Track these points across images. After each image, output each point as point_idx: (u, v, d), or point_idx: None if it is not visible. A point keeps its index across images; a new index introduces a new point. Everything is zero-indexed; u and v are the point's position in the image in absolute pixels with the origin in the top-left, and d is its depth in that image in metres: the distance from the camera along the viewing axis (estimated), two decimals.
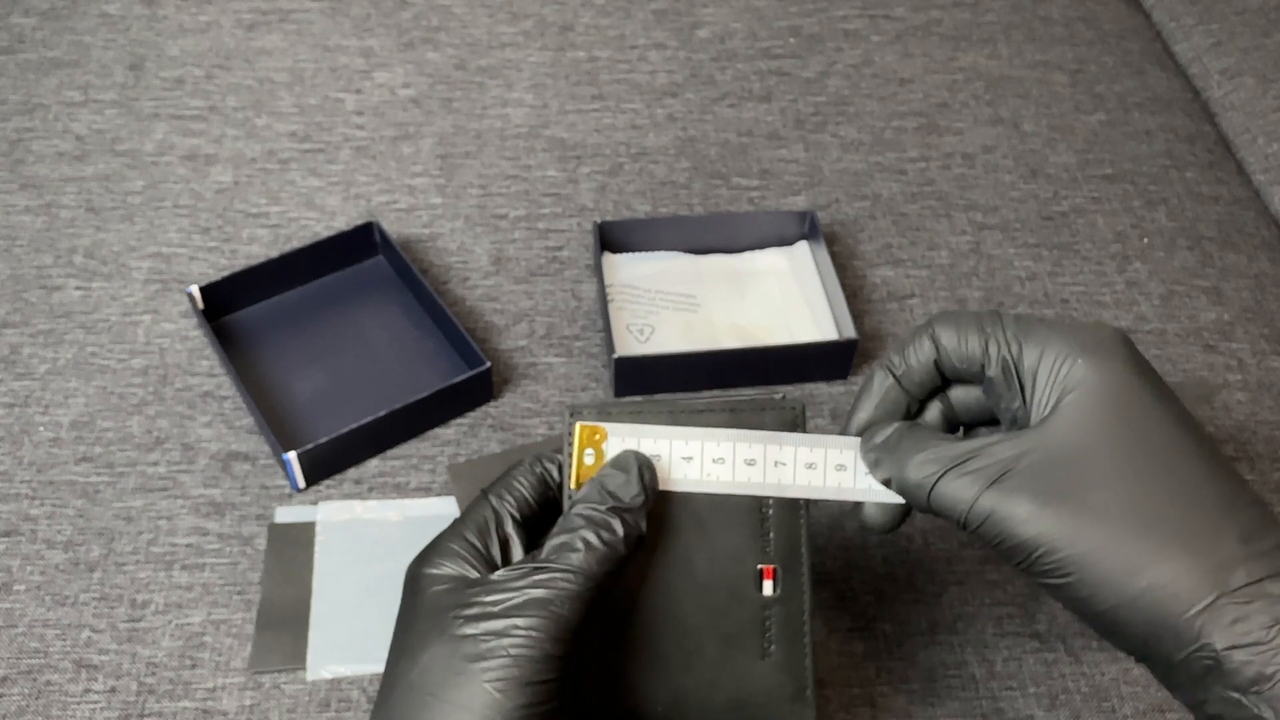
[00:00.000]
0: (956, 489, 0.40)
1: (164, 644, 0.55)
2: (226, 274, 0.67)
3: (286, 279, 0.69)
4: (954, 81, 0.87)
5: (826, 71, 0.87)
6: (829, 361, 0.66)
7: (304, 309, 0.69)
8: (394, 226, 0.74)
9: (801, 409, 0.46)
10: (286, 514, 0.60)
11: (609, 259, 0.71)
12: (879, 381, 0.46)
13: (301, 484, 0.60)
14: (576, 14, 0.90)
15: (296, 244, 0.72)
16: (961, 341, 0.44)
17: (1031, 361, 0.41)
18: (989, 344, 0.43)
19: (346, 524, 0.59)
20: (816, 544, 0.59)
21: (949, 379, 0.46)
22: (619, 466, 0.43)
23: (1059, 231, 0.76)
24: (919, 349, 0.45)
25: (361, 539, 0.59)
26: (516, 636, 0.39)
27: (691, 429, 0.44)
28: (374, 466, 0.62)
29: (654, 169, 0.79)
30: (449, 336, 0.66)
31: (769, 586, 0.44)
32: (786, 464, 0.45)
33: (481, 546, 0.43)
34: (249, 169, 0.77)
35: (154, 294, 0.69)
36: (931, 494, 0.41)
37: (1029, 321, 0.43)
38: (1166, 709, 0.55)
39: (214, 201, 0.75)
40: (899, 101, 0.85)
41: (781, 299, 0.70)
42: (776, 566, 0.44)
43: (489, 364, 0.62)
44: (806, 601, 0.45)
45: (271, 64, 0.84)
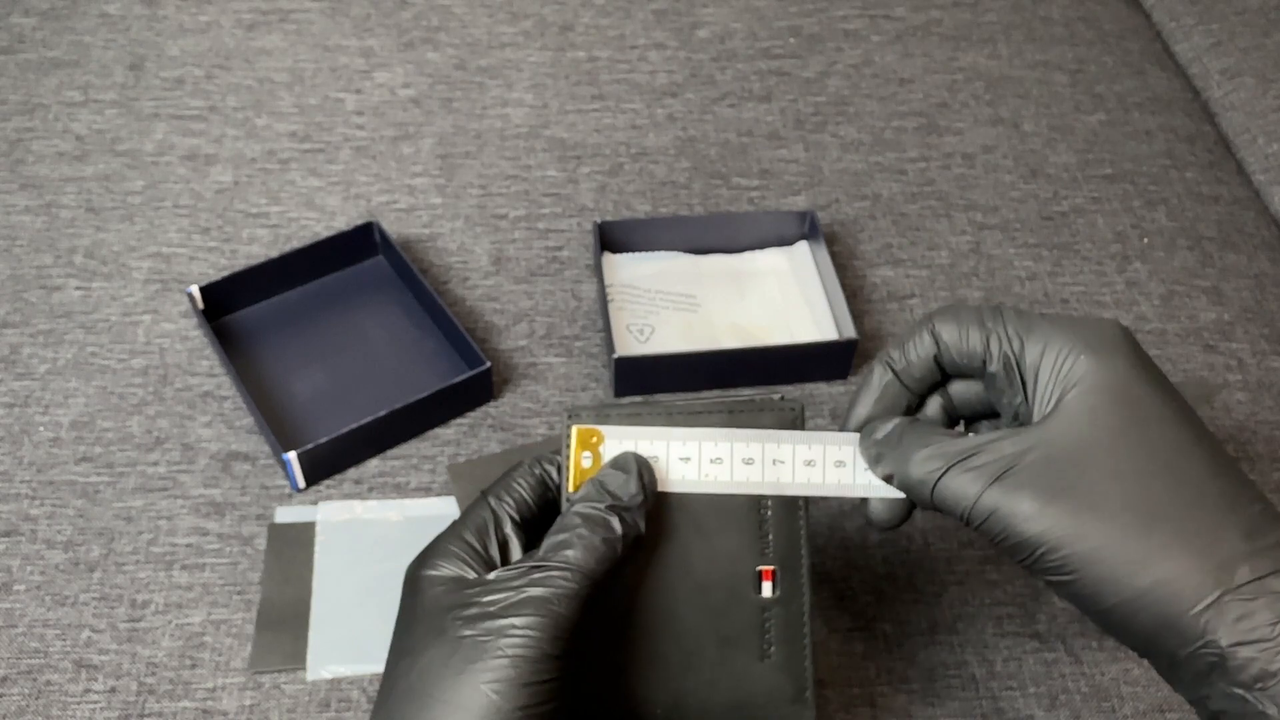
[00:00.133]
0: (960, 485, 0.40)
1: (164, 644, 0.55)
2: (226, 274, 0.67)
3: (286, 279, 0.69)
4: (954, 81, 0.87)
5: (826, 71, 0.87)
6: (829, 361, 0.66)
7: (304, 309, 0.69)
8: (394, 226, 0.74)
9: (801, 409, 0.45)
10: (286, 514, 0.60)
11: (609, 259, 0.71)
12: (878, 377, 0.45)
13: (301, 484, 0.60)
14: (576, 14, 0.90)
15: (296, 244, 0.72)
16: (963, 337, 0.43)
17: (1034, 357, 0.41)
18: (990, 339, 0.43)
19: (346, 524, 0.59)
20: (816, 544, 0.59)
21: (949, 374, 0.45)
22: (618, 466, 0.43)
23: (1059, 231, 0.76)
24: (919, 344, 0.44)
25: (361, 539, 0.59)
26: (514, 636, 0.39)
27: (689, 429, 0.44)
28: (374, 466, 0.62)
29: (654, 169, 0.79)
30: (449, 336, 0.66)
31: (768, 588, 0.44)
32: (785, 462, 0.44)
33: (480, 547, 0.43)
34: (249, 169, 0.77)
35: (154, 294, 0.69)
36: (935, 490, 0.41)
37: (1030, 316, 0.43)
38: (1167, 709, 0.55)
39: (214, 201, 0.75)
40: (899, 101, 0.85)
41: (781, 299, 0.70)
42: (776, 568, 0.44)
43: (489, 364, 0.62)
44: (806, 603, 0.45)
45: (271, 64, 0.84)
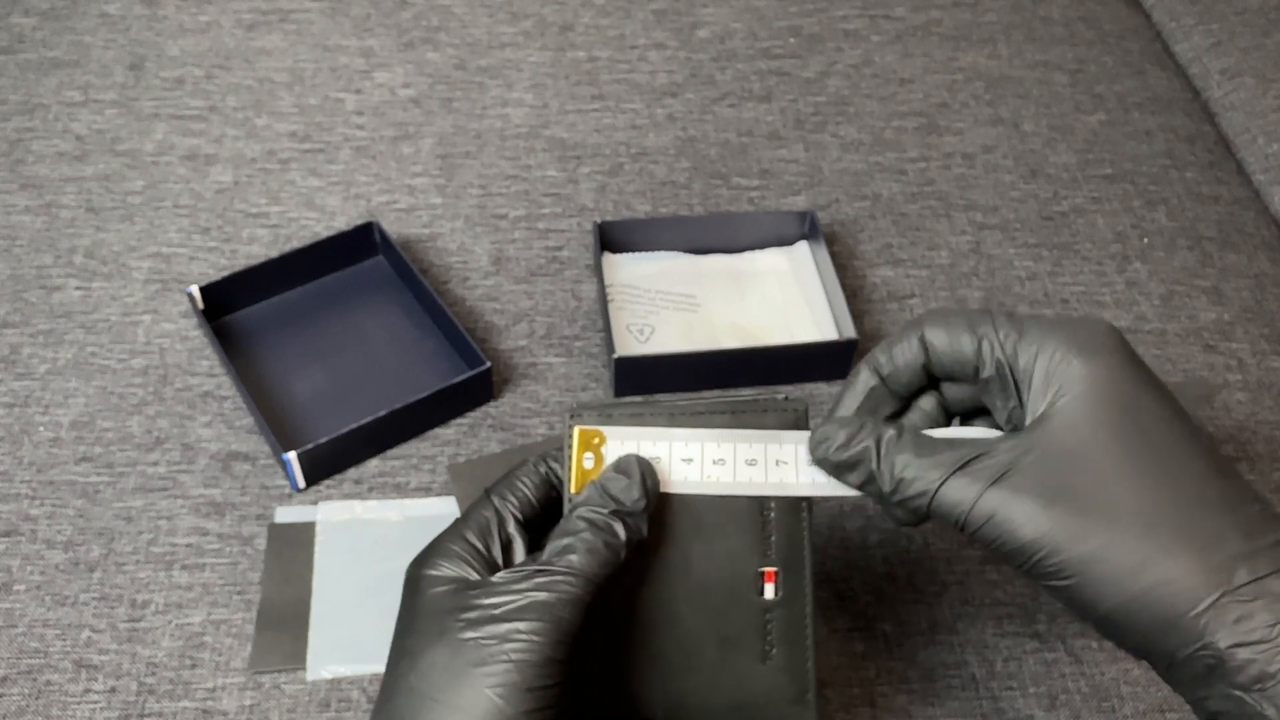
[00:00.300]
0: (956, 491, 0.40)
1: (164, 644, 0.55)
2: (226, 274, 0.67)
3: (286, 279, 0.69)
4: (954, 81, 0.87)
5: (826, 71, 0.87)
6: (829, 361, 0.66)
7: (304, 309, 0.69)
8: (394, 226, 0.74)
9: (804, 409, 0.45)
10: (286, 514, 0.60)
11: (609, 259, 0.71)
12: (863, 382, 0.45)
13: (301, 484, 0.60)
14: (576, 14, 0.90)
15: (296, 244, 0.72)
16: (953, 343, 0.43)
17: (1026, 361, 0.41)
18: (982, 345, 0.42)
19: (346, 524, 0.59)
20: (816, 543, 0.59)
21: (939, 379, 0.45)
22: (621, 470, 0.43)
23: (1059, 231, 0.76)
24: (907, 350, 0.44)
25: (361, 539, 0.59)
26: (518, 641, 0.39)
27: (691, 430, 0.44)
28: (374, 466, 0.62)
29: (654, 169, 0.79)
30: (449, 336, 0.66)
31: (770, 590, 0.44)
32: (788, 462, 0.44)
33: (483, 547, 0.43)
34: (249, 169, 0.77)
35: (154, 294, 0.69)
36: (934, 499, 0.40)
37: (1020, 319, 0.42)
38: (1167, 709, 0.55)
39: (214, 201, 0.75)
40: (899, 101, 0.85)
41: (781, 299, 0.70)
42: (778, 569, 0.44)
43: (489, 364, 0.62)
44: (808, 604, 0.44)
45: (271, 64, 0.84)
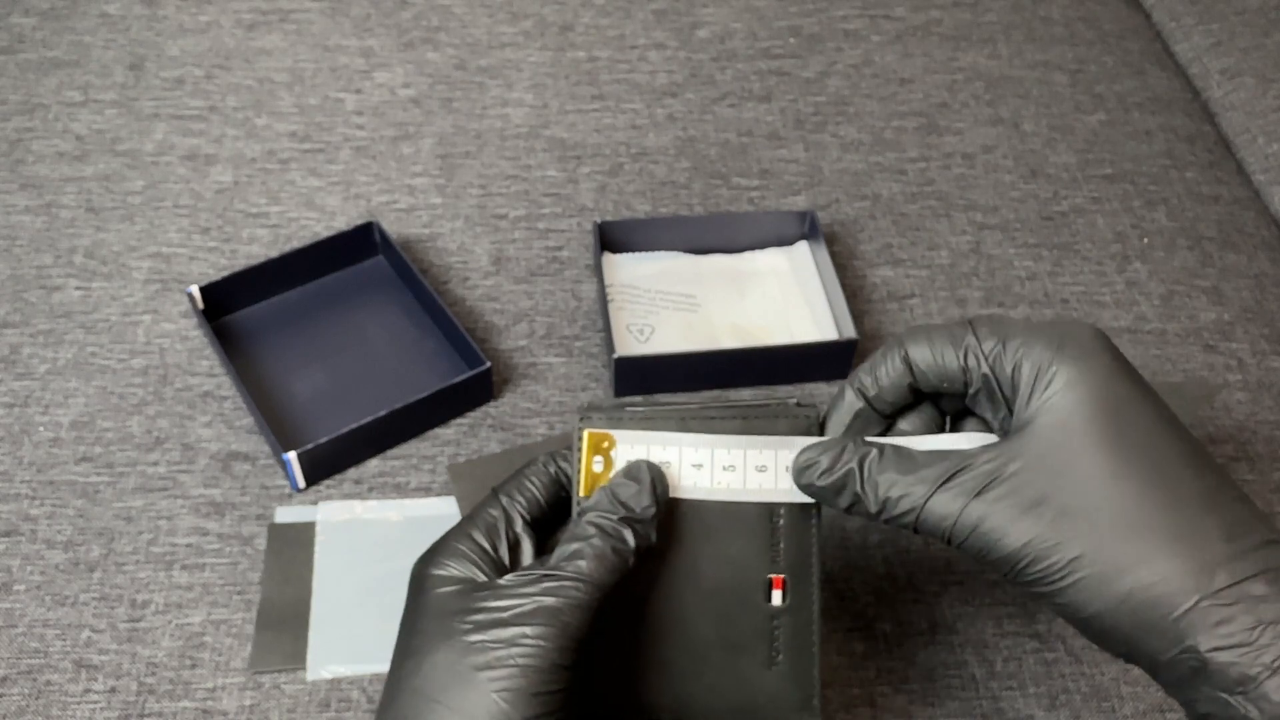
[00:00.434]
0: (941, 505, 0.40)
1: (164, 644, 0.55)
2: (226, 274, 0.67)
3: (286, 279, 0.69)
4: (954, 81, 0.87)
5: (826, 71, 0.87)
6: (829, 361, 0.66)
7: (304, 309, 0.69)
8: (394, 226, 0.74)
9: (817, 415, 0.44)
10: (286, 514, 0.60)
11: (609, 259, 0.71)
12: (848, 403, 0.45)
13: (301, 484, 0.60)
14: (576, 14, 0.90)
15: (296, 244, 0.72)
16: (937, 360, 0.42)
17: (1011, 370, 0.41)
18: (967, 360, 0.42)
19: (346, 524, 0.59)
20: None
21: (926, 395, 0.45)
22: (631, 476, 0.43)
23: (1059, 231, 0.76)
24: (890, 370, 0.43)
25: (361, 539, 0.59)
26: (525, 646, 0.38)
27: (702, 435, 0.44)
28: (374, 466, 0.62)
29: (654, 169, 0.79)
30: (449, 336, 0.66)
31: (778, 596, 0.44)
32: None
33: (490, 547, 0.43)
34: (249, 169, 0.77)
35: (154, 294, 0.69)
36: (920, 517, 0.40)
37: (1003, 327, 0.42)
38: (1166, 709, 0.55)
39: (214, 201, 0.75)
40: (899, 101, 0.85)
41: (781, 299, 0.70)
42: (786, 576, 0.44)
43: (489, 364, 0.62)
44: (816, 612, 0.44)
45: (271, 64, 0.84)
